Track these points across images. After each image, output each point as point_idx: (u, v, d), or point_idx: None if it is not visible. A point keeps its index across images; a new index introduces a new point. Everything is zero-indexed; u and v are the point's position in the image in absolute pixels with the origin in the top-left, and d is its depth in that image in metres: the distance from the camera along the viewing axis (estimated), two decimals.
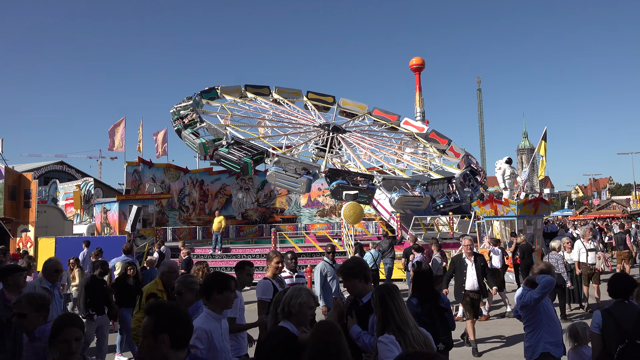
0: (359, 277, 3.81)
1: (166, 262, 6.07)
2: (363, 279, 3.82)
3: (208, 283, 3.94)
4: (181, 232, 25.52)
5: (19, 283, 4.95)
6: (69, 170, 45.04)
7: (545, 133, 18.17)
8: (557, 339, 4.80)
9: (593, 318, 4.28)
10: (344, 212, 17.42)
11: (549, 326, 4.78)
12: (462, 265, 8.31)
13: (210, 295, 3.86)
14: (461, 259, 8.46)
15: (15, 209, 19.82)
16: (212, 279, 4.00)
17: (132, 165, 25.80)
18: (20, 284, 4.98)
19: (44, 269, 5.83)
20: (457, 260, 8.53)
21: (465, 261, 8.34)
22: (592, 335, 4.27)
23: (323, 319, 3.81)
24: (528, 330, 4.89)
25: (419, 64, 36.02)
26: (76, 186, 30.49)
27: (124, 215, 20.89)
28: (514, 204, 15.35)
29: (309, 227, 28.83)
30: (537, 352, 4.74)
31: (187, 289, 4.50)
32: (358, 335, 3.57)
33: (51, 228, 21.27)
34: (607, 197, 73.83)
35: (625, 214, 49.17)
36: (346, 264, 4.07)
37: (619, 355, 3.98)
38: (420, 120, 36.07)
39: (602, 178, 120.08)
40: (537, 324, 4.79)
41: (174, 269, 5.69)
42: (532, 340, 4.81)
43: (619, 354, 3.98)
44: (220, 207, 29.14)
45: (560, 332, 4.89)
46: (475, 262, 8.29)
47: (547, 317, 4.80)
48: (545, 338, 4.72)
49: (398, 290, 3.37)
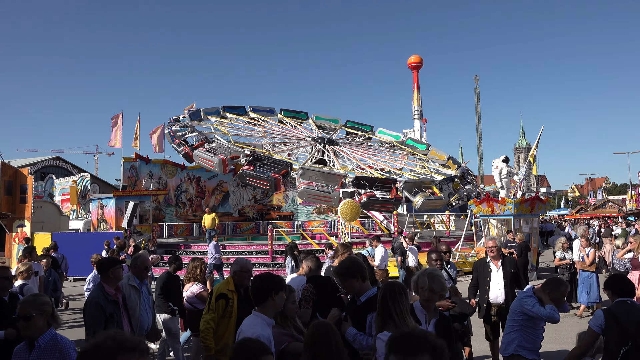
0: (355, 277, 3.77)
1: (239, 261, 5.26)
2: (360, 278, 3.78)
3: (266, 283, 3.61)
4: (178, 229, 25.50)
5: (119, 276, 4.88)
6: (65, 166, 44.87)
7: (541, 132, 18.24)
8: (534, 345, 4.65)
9: (595, 318, 4.18)
10: (341, 209, 17.41)
11: (527, 332, 4.61)
12: (485, 272, 6.86)
13: (267, 298, 3.55)
14: (485, 263, 6.96)
15: (11, 204, 19.75)
16: (269, 278, 3.69)
17: (129, 161, 25.74)
18: (120, 276, 4.91)
19: (132, 266, 5.64)
20: (480, 265, 7.07)
21: (489, 266, 6.84)
22: (589, 332, 4.17)
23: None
24: (508, 324, 4.79)
25: (417, 62, 36.03)
26: (73, 182, 30.42)
27: (120, 211, 20.84)
28: (511, 203, 15.40)
29: (305, 225, 28.85)
30: (508, 351, 4.64)
31: (39, 312, 3.43)
32: (354, 337, 3.54)
33: (47, 224, 21.21)
34: (603, 196, 74.14)
35: (620, 214, 49.37)
36: (342, 264, 4.01)
37: (622, 357, 3.88)
38: (417, 118, 36.12)
39: (599, 177, 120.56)
40: (516, 325, 4.66)
41: (247, 268, 5.08)
42: (507, 338, 4.71)
43: (622, 357, 3.88)
44: (217, 203, 29.13)
45: (539, 340, 4.73)
46: (503, 268, 6.72)
47: (531, 323, 4.61)
48: (519, 341, 4.59)
49: (404, 290, 3.29)
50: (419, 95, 36.13)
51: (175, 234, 25.03)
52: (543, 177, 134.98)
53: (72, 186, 29.14)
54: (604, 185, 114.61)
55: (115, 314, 4.59)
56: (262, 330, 3.37)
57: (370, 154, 23.37)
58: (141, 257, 5.81)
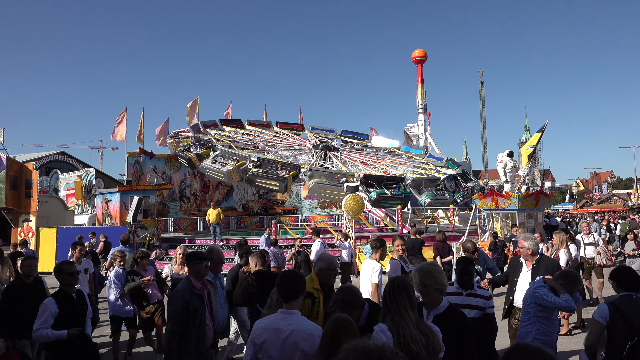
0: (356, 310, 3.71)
1: (324, 257, 4.93)
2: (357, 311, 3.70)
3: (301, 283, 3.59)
4: (182, 223, 25.59)
5: (199, 270, 4.64)
6: (70, 161, 45.07)
7: (545, 126, 18.12)
8: (549, 337, 4.62)
9: (599, 309, 4.08)
10: (345, 204, 17.44)
11: (542, 324, 4.57)
12: (516, 271, 5.96)
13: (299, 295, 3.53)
14: (518, 261, 6.03)
15: (16, 199, 19.88)
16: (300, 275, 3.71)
17: (134, 155, 25.82)
18: (199, 271, 4.64)
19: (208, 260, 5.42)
20: (514, 262, 6.20)
21: (521, 265, 5.90)
22: (593, 324, 4.08)
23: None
24: (522, 318, 4.75)
25: (421, 56, 35.94)
26: (77, 176, 30.58)
27: (125, 205, 20.93)
28: (515, 197, 15.37)
29: (309, 219, 28.89)
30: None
31: None
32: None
33: (52, 218, 21.34)
34: (608, 191, 73.84)
35: (625, 208, 49.17)
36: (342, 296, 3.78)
37: (628, 352, 3.80)
38: (422, 112, 36.03)
39: (604, 172, 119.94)
40: (530, 318, 4.62)
41: (333, 266, 4.80)
42: (522, 331, 4.67)
43: (628, 352, 3.80)
44: (222, 198, 29.19)
45: (555, 332, 4.74)
46: (534, 270, 5.65)
47: (546, 314, 4.58)
48: (535, 334, 4.54)
49: (403, 286, 3.22)
50: (423, 89, 36.05)
51: (180, 228, 25.12)
52: (548, 171, 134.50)
53: (77, 181, 29.31)
54: (609, 179, 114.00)
55: (199, 308, 4.42)
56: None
57: (370, 158, 23.70)
58: (216, 250, 5.60)
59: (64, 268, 4.94)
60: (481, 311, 4.66)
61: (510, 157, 16.69)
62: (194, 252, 4.92)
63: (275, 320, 3.36)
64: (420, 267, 3.68)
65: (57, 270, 4.96)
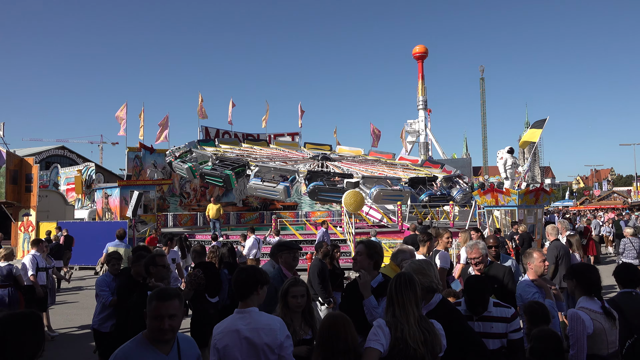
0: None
1: (407, 250, 4.78)
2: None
3: (252, 275, 3.44)
4: (182, 218, 25.61)
5: (288, 260, 4.86)
6: (70, 155, 45.02)
7: (545, 121, 18.05)
8: None
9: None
10: (345, 200, 17.45)
11: None
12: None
13: (252, 291, 3.43)
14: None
15: (16, 193, 19.89)
16: (256, 271, 3.69)
17: (134, 150, 25.81)
18: (289, 261, 4.87)
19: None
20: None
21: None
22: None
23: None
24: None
25: (422, 52, 35.88)
26: (77, 171, 30.54)
27: (125, 200, 20.94)
28: (515, 194, 15.36)
29: (309, 215, 28.90)
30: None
31: None
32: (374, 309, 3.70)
33: (52, 213, 21.35)
34: (608, 188, 73.84)
35: (625, 205, 49.16)
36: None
37: (627, 350, 3.74)
38: (422, 108, 35.99)
39: (604, 169, 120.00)
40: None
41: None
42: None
43: (628, 349, 3.74)
44: (222, 193, 29.19)
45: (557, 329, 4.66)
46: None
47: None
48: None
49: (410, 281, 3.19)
50: (423, 85, 36.03)
51: (180, 223, 25.14)
52: (548, 168, 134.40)
53: (77, 175, 29.27)
54: (609, 176, 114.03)
55: None
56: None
57: (368, 166, 24.07)
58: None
59: (157, 260, 4.89)
60: (503, 339, 3.67)
61: (511, 153, 16.64)
62: (284, 242, 4.96)
63: (233, 322, 3.24)
64: (411, 263, 3.69)
65: (150, 262, 4.84)
